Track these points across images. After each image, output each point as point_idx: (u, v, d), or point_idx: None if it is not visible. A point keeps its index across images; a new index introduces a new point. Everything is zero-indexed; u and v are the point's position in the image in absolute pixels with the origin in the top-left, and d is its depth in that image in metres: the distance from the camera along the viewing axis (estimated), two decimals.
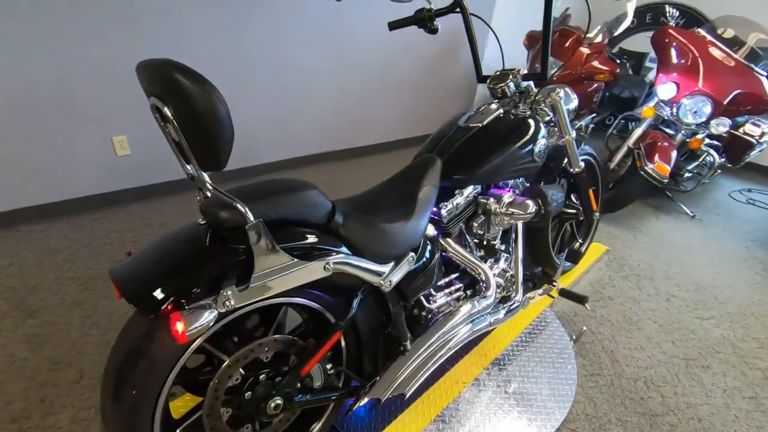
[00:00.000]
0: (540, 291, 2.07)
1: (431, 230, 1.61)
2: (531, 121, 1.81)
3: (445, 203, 1.68)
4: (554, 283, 2.06)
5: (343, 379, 1.49)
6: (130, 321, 1.10)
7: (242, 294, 1.07)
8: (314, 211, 1.24)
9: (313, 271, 1.19)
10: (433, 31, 1.76)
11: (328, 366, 1.36)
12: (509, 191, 1.82)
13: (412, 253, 1.45)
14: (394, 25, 1.82)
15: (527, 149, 1.76)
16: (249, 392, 1.24)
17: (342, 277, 1.31)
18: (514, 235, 1.98)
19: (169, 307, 1.01)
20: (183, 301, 1.02)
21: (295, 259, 1.15)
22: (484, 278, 1.73)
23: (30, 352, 1.93)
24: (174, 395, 1.71)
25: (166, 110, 0.91)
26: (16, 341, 1.97)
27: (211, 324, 1.00)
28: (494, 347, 2.12)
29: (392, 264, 1.41)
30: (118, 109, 2.91)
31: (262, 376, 1.25)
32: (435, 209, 1.68)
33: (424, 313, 1.63)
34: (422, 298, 1.61)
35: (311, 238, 1.22)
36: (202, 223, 1.14)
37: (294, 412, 1.37)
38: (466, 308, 1.64)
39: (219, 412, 1.20)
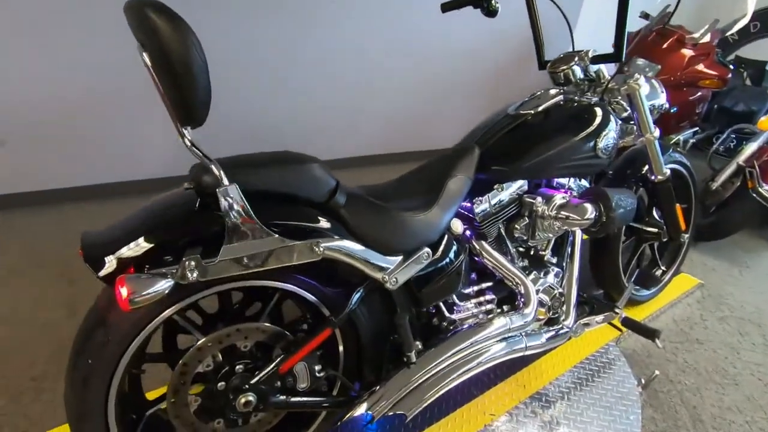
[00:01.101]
0: (599, 318, 1.71)
1: (458, 227, 1.38)
2: (598, 109, 1.51)
3: (480, 199, 1.43)
4: (617, 311, 1.69)
5: (338, 387, 1.31)
6: (104, 288, 1.03)
7: (210, 267, 0.94)
8: (312, 187, 1.09)
9: (299, 252, 1.03)
10: (492, 12, 1.54)
11: (317, 367, 1.18)
12: (564, 192, 1.52)
13: (427, 249, 1.23)
14: (447, 7, 1.64)
15: (589, 142, 1.46)
16: (222, 382, 1.10)
17: (340, 266, 1.13)
18: (569, 248, 1.67)
19: (130, 272, 0.91)
20: (147, 267, 0.92)
21: (276, 235, 1.00)
22: (522, 291, 1.45)
23: (66, 319, 2.00)
24: None
25: (145, 56, 0.82)
26: (55, 307, 2.07)
27: (164, 293, 0.88)
28: (536, 378, 1.79)
29: (400, 259, 1.20)
30: None
31: (239, 367, 1.11)
32: (467, 204, 1.44)
33: (444, 324, 1.39)
34: (442, 305, 1.37)
35: (301, 216, 1.07)
36: (188, 187, 1.05)
37: (276, 414, 1.21)
38: (496, 323, 1.37)
39: (185, 399, 1.08)
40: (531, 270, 1.57)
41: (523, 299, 1.45)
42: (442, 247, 1.31)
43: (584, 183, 1.66)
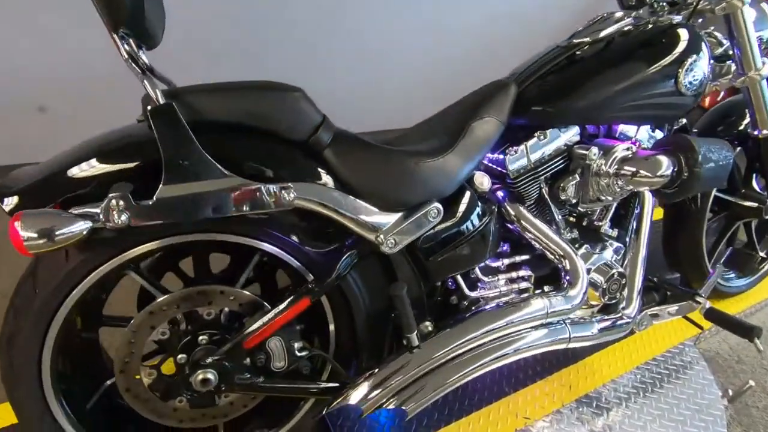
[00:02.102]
0: (673, 309, 1.34)
1: (484, 183, 1.09)
2: (682, 31, 1.13)
3: (516, 149, 1.13)
4: (698, 300, 1.32)
5: (329, 371, 1.08)
6: None
7: (144, 209, 0.75)
8: (288, 121, 0.87)
9: (261, 197, 0.81)
10: None
11: (297, 345, 0.97)
12: (631, 143, 1.18)
13: (437, 205, 0.96)
14: None
15: (669, 74, 1.10)
16: (183, 355, 0.92)
17: (329, 224, 0.91)
18: (635, 218, 1.31)
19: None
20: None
21: (233, 175, 0.79)
22: (567, 266, 1.13)
23: None
24: None
25: None
26: None
27: (79, 237, 0.71)
28: (586, 379, 1.46)
29: (401, 216, 0.95)
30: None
31: (202, 338, 0.93)
32: (498, 157, 1.15)
33: (464, 303, 1.12)
34: (461, 280, 1.10)
35: (271, 153, 0.85)
36: (140, 119, 0.87)
37: (253, 398, 1.02)
38: (531, 305, 1.07)
39: (136, 370, 0.91)
40: (582, 243, 1.25)
41: (568, 277, 1.13)
42: (459, 206, 1.03)
43: (658, 134, 1.29)
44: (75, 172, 0.76)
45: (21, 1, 2.30)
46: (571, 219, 1.32)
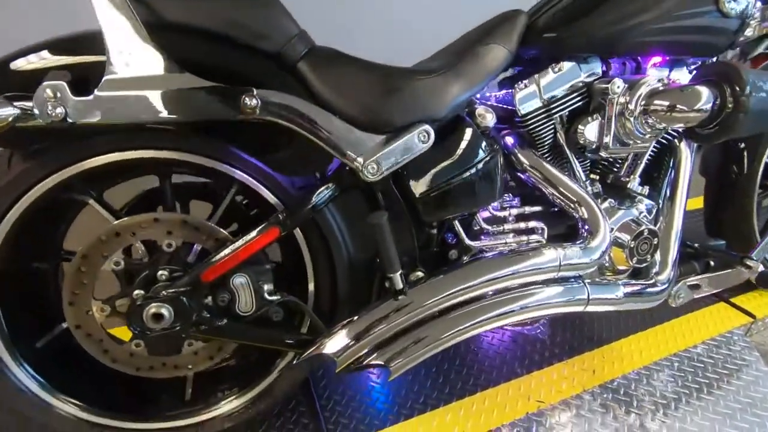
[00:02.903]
0: (717, 277, 1.14)
1: (488, 119, 0.96)
2: None
3: (525, 82, 1.00)
4: (748, 264, 1.11)
5: (308, 323, 0.96)
6: None
7: (83, 104, 0.67)
8: (259, 29, 0.78)
9: (219, 100, 0.72)
10: None
11: (267, 287, 0.85)
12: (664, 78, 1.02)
13: (426, 127, 0.84)
14: None
15: (708, 3, 0.95)
16: (141, 291, 0.83)
17: (298, 146, 0.81)
18: (671, 176, 1.14)
19: None
20: None
21: (186, 72, 0.70)
22: (586, 215, 0.98)
23: None
24: None
25: None
26: None
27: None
28: (613, 364, 1.26)
29: (383, 137, 0.83)
30: None
31: (161, 273, 0.83)
32: (503, 94, 1.02)
33: (464, 256, 0.98)
34: (459, 226, 0.96)
35: (239, 62, 0.76)
36: None
37: (218, 347, 0.91)
38: (541, 255, 0.92)
39: (87, 304, 0.82)
40: (605, 198, 1.09)
41: (587, 227, 0.97)
42: (454, 137, 0.91)
43: (682, 76, 1.11)
44: (20, 63, 0.69)
45: None
46: (594, 175, 1.16)
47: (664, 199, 1.15)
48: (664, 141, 1.14)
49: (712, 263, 1.18)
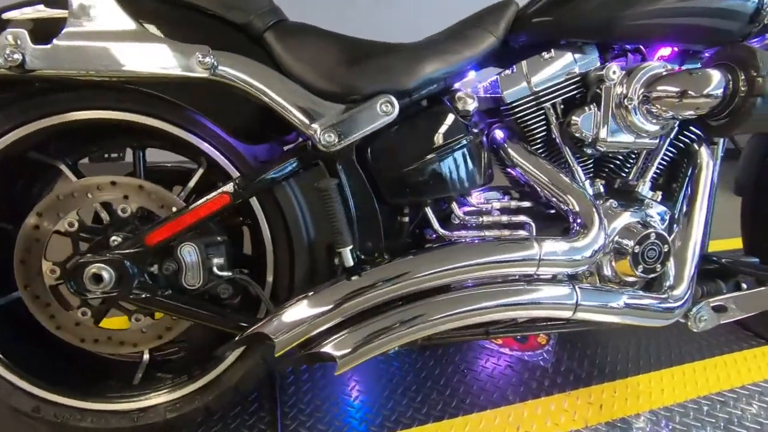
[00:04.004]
0: (749, 299, 0.97)
1: (468, 102, 0.90)
2: None
3: (512, 68, 0.94)
4: None
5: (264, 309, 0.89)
6: None
7: (40, 53, 0.69)
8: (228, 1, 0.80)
9: (174, 56, 0.72)
10: None
11: (217, 261, 0.81)
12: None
13: (389, 97, 0.79)
14: None
15: None
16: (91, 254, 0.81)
17: (259, 114, 0.79)
18: (690, 182, 1.02)
19: None
20: None
21: (145, 28, 0.72)
22: (576, 207, 0.87)
23: None
24: None
25: None
26: None
27: None
28: (626, 401, 1.07)
29: (345, 107, 0.79)
30: None
31: (115, 238, 0.81)
32: (488, 84, 0.97)
33: (431, 240, 0.90)
34: (430, 213, 0.88)
35: (206, 30, 0.78)
36: None
37: (168, 326, 0.86)
38: (516, 246, 0.81)
39: (38, 264, 0.81)
40: (606, 199, 0.97)
41: (578, 221, 0.86)
42: (424, 114, 0.85)
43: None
44: (12, 14, 0.73)
45: None
46: (600, 179, 1.05)
47: (681, 209, 1.01)
48: (681, 145, 1.03)
49: (744, 285, 1.01)
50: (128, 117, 0.79)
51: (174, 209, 0.82)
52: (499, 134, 0.98)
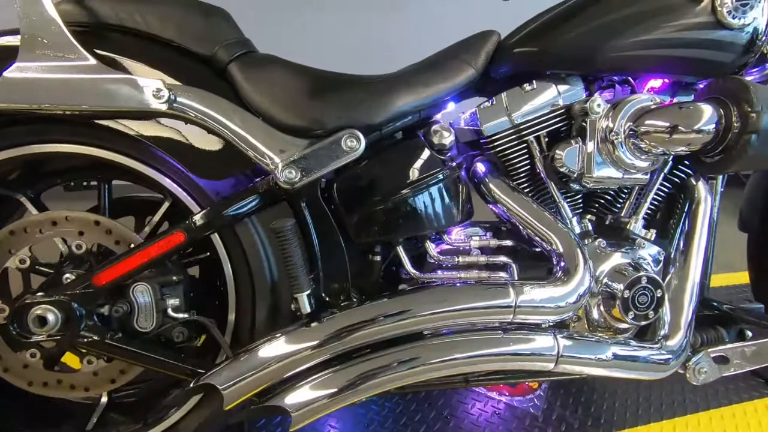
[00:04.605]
0: (756, 350, 0.88)
1: (445, 136, 0.85)
2: None
3: (491, 99, 0.90)
4: None
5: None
6: None
7: None
8: (194, 32, 0.79)
9: (126, 90, 0.70)
10: None
11: (172, 303, 0.76)
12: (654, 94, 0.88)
13: (354, 131, 0.75)
14: None
15: (704, 14, 0.83)
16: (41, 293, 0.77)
17: (221, 149, 0.76)
18: (686, 219, 0.96)
19: None
20: None
21: (96, 60, 0.69)
22: (560, 249, 0.81)
23: None
24: None
25: None
26: None
27: None
28: None
29: (308, 142, 0.76)
30: None
31: (68, 276, 0.77)
32: (468, 115, 0.93)
33: (404, 282, 0.84)
34: (402, 252, 0.83)
35: (169, 63, 0.75)
36: None
37: (121, 370, 0.81)
38: (490, 292, 0.76)
39: None
40: (594, 238, 0.91)
41: (562, 264, 0.80)
42: (394, 148, 0.81)
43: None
44: None
45: None
46: (590, 215, 0.99)
47: (677, 249, 0.95)
48: (676, 179, 0.97)
49: (748, 333, 0.93)
50: (83, 150, 0.76)
51: (132, 245, 0.78)
52: (480, 168, 0.93)
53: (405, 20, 3.16)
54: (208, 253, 0.92)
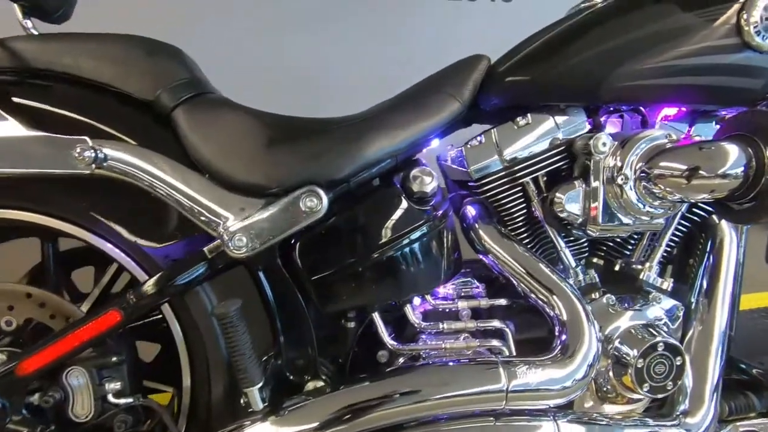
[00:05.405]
0: None
1: (426, 182, 0.74)
2: None
3: (478, 138, 0.79)
4: None
5: None
6: None
7: None
8: (134, 74, 0.68)
9: (42, 151, 0.60)
10: None
11: (112, 387, 0.67)
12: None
13: (315, 188, 0.64)
14: None
15: (727, 25, 0.70)
16: None
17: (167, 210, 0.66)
18: (708, 265, 0.84)
19: None
20: None
21: (8, 118, 0.59)
22: (559, 313, 0.70)
23: None
24: None
25: None
26: None
27: None
28: None
29: (261, 203, 0.65)
30: None
31: None
32: (455, 153, 0.82)
33: (381, 358, 0.74)
34: (378, 320, 0.72)
35: (105, 111, 0.66)
36: None
37: None
38: (484, 375, 0.65)
39: None
40: (603, 292, 0.79)
41: (562, 337, 0.69)
42: (366, 203, 0.70)
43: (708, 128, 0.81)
44: None
45: None
46: (597, 258, 0.87)
47: (698, 299, 0.82)
48: (695, 218, 0.84)
49: None
50: (8, 215, 0.67)
51: (65, 315, 0.69)
52: (470, 211, 0.82)
53: None
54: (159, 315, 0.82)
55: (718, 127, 0.82)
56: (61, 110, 0.66)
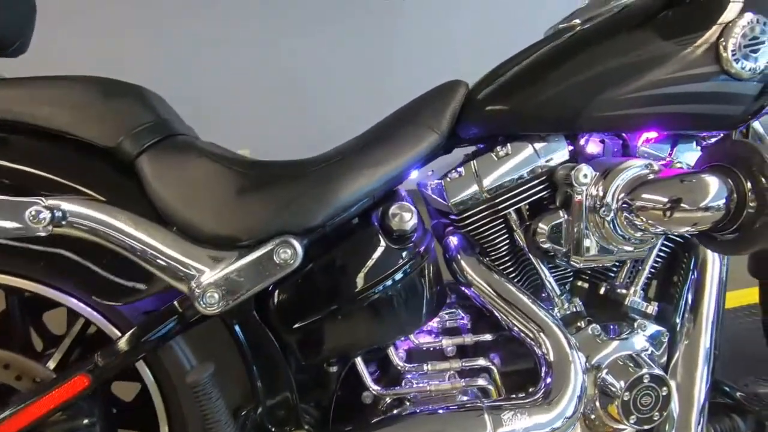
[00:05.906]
0: None
1: (405, 219, 0.71)
2: None
3: (458, 169, 0.77)
4: None
5: None
6: None
7: None
8: (94, 120, 0.64)
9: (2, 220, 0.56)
10: None
11: None
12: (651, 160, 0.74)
13: (289, 239, 0.62)
14: None
15: (707, 48, 0.69)
16: None
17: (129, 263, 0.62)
18: (692, 287, 0.83)
19: None
20: None
21: None
22: (551, 355, 0.68)
23: None
24: None
25: None
26: None
27: None
28: None
29: (233, 255, 0.62)
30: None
31: None
32: (435, 184, 0.79)
33: (365, 405, 0.72)
34: (361, 365, 0.70)
35: (62, 163, 0.62)
36: None
37: None
38: (459, 420, 0.63)
39: None
40: (588, 321, 0.78)
41: (548, 379, 0.68)
42: (345, 245, 0.68)
43: (689, 157, 0.80)
44: None
45: None
46: (582, 282, 0.87)
47: (683, 321, 0.82)
48: (678, 238, 0.84)
49: None
50: None
51: (31, 377, 0.65)
52: (452, 242, 0.80)
53: None
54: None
55: (699, 148, 0.81)
56: (15, 164, 0.61)
